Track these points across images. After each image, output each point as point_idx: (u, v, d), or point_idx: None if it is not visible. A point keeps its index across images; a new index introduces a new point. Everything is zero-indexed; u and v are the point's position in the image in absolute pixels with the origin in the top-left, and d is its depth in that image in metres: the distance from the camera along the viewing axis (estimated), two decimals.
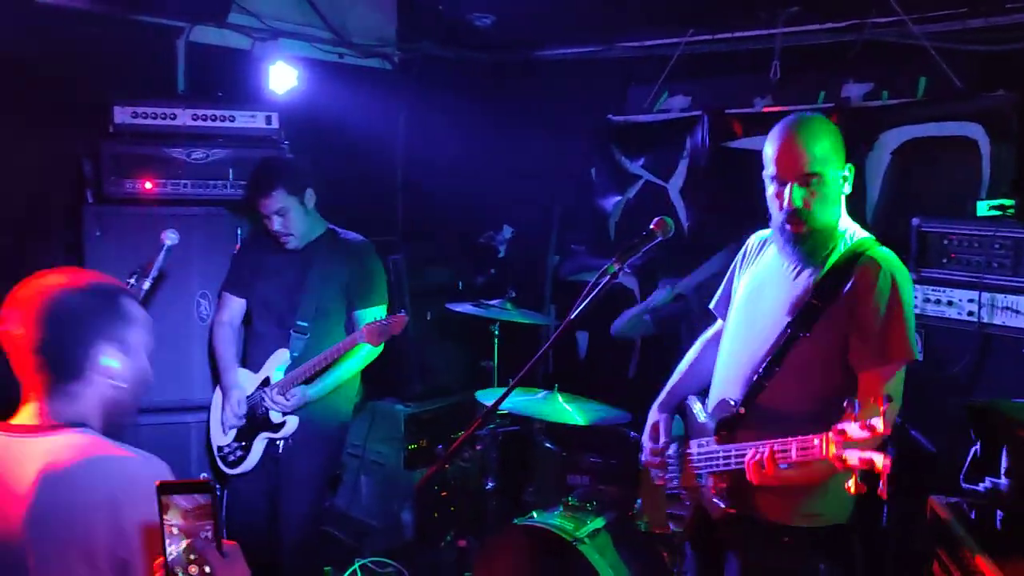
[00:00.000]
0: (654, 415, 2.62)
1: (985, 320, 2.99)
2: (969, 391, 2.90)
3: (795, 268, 2.34)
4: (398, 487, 4.54)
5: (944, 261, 3.15)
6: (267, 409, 3.33)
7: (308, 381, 3.30)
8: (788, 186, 2.23)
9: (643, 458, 2.59)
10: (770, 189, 2.32)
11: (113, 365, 1.65)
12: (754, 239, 2.62)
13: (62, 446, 1.56)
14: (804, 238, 2.27)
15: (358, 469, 4.66)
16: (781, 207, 2.27)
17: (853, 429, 1.85)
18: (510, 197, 5.13)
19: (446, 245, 4.99)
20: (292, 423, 3.33)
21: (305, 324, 3.35)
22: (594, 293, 2.31)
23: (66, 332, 1.62)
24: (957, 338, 3.05)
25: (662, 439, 2.52)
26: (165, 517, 1.35)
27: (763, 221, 2.48)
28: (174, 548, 1.37)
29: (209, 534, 1.37)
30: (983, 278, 3.01)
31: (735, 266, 2.64)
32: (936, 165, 3.63)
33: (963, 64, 3.60)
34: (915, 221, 3.23)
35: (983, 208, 3.16)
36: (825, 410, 2.00)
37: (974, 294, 3.02)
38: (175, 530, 1.36)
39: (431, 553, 4.21)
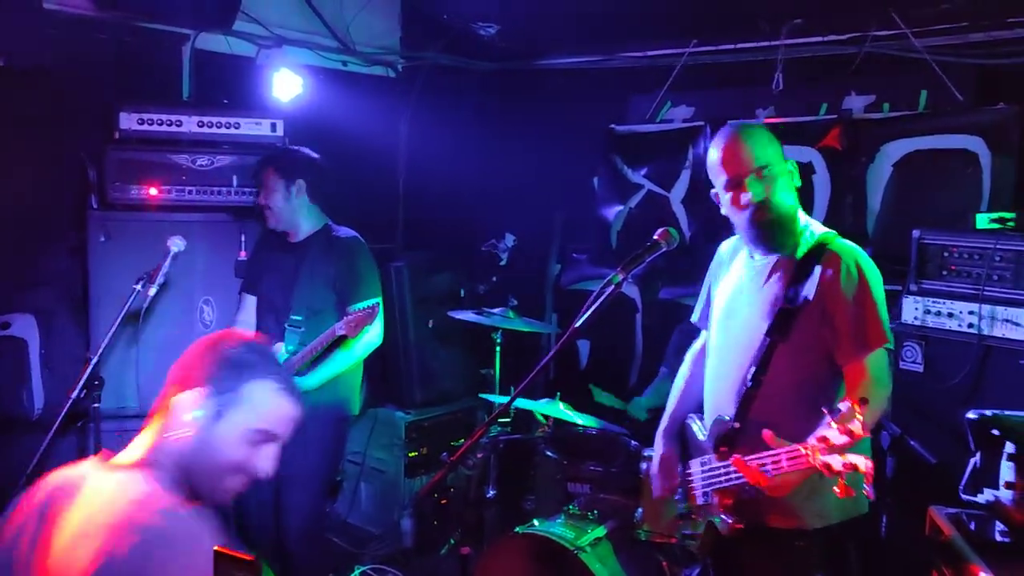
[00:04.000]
0: (660, 445, 2.62)
1: (985, 332, 3.01)
2: (969, 402, 2.91)
3: (764, 273, 2.36)
4: (398, 495, 4.54)
5: (944, 273, 3.17)
6: None
7: (298, 374, 3.34)
8: (744, 183, 2.29)
9: (655, 492, 2.60)
10: (725, 198, 2.37)
11: (194, 415, 1.53)
12: (725, 248, 2.65)
13: (121, 486, 1.47)
14: (771, 228, 2.32)
15: (358, 476, 4.67)
16: (742, 207, 2.31)
17: (834, 435, 1.90)
18: (512, 205, 5.15)
19: (448, 253, 5.01)
20: None
21: (299, 319, 3.42)
22: (598, 303, 2.31)
23: (185, 376, 1.56)
24: (957, 350, 3.07)
25: (671, 470, 2.53)
26: None
27: None
28: None
29: None
30: (983, 290, 3.02)
31: (710, 277, 2.67)
32: (937, 177, 3.65)
33: (964, 77, 3.63)
34: (915, 233, 3.25)
35: (983, 221, 3.18)
36: (816, 409, 2.02)
37: (974, 306, 3.03)
38: None
39: (431, 561, 4.22)
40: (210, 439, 1.53)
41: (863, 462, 1.86)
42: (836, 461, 1.88)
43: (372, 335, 3.44)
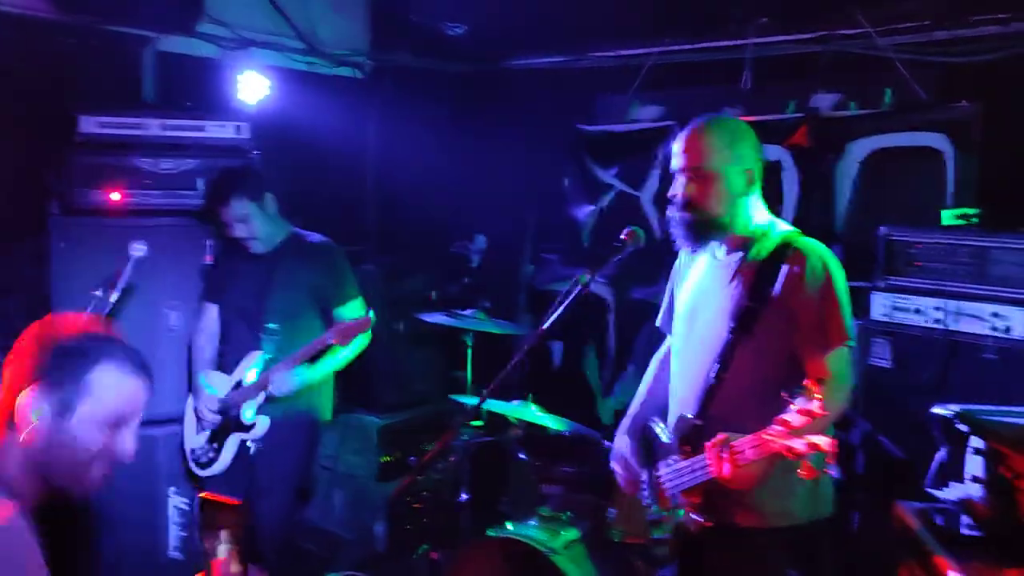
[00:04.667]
0: (619, 441, 2.63)
1: (951, 327, 3.03)
2: (937, 397, 2.93)
3: (728, 271, 2.37)
4: (371, 499, 4.50)
5: (910, 269, 3.19)
6: (239, 410, 3.34)
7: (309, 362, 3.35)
8: (680, 176, 2.35)
9: (621, 486, 2.60)
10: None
11: (32, 419, 1.47)
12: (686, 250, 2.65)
13: None
14: (691, 228, 2.35)
15: (330, 482, 4.62)
16: (674, 195, 2.38)
17: (794, 417, 1.92)
18: (483, 206, 5.13)
19: (419, 255, 4.98)
20: (263, 423, 3.35)
21: (275, 326, 3.38)
22: (566, 304, 2.32)
23: (18, 372, 1.50)
24: (924, 345, 3.09)
25: (631, 466, 2.54)
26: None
27: None
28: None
29: (235, 553, 1.43)
30: (948, 286, 3.05)
31: (672, 280, 2.67)
32: (902, 174, 3.69)
33: (928, 75, 3.66)
34: (882, 230, 3.27)
35: (947, 217, 3.21)
36: (778, 406, 2.02)
37: (940, 302, 3.06)
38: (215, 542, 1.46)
39: (404, 565, 4.18)
40: (61, 435, 1.49)
41: (825, 440, 1.88)
42: (798, 443, 1.90)
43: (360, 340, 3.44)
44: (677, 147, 2.38)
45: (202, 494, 1.44)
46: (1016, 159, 3.42)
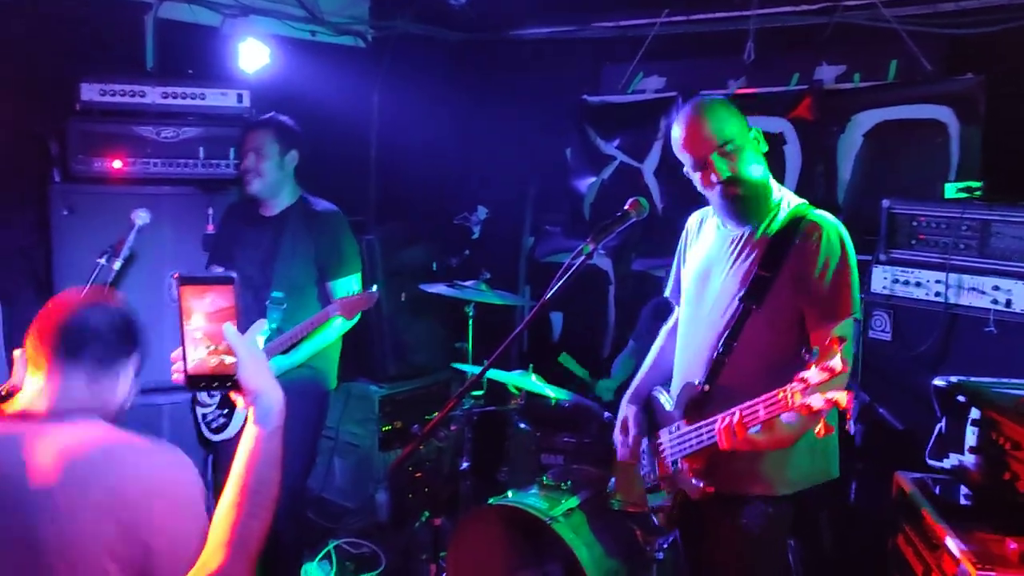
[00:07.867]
0: (624, 408, 2.65)
1: (952, 300, 3.05)
2: (936, 370, 2.95)
3: (738, 242, 2.37)
4: (372, 469, 4.54)
5: (912, 243, 3.20)
6: None
7: (284, 352, 3.31)
8: (709, 162, 2.29)
9: (618, 453, 2.62)
10: (695, 177, 2.36)
11: (127, 390, 1.77)
12: (693, 220, 2.65)
13: (82, 436, 1.56)
14: (743, 202, 2.32)
15: (332, 451, 4.66)
16: (712, 185, 2.31)
17: (813, 374, 1.89)
18: (485, 177, 5.12)
19: (420, 225, 4.97)
20: None
21: (280, 295, 3.35)
22: (569, 274, 2.32)
23: (130, 330, 1.75)
24: (925, 318, 3.11)
25: (632, 432, 2.56)
26: (186, 322, 1.43)
27: None
28: (197, 353, 1.46)
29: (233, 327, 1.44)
30: (950, 259, 3.06)
31: (680, 250, 2.67)
32: (907, 147, 3.68)
33: (933, 47, 3.64)
34: (885, 203, 3.27)
35: (951, 190, 3.21)
36: (785, 375, 2.02)
37: (941, 275, 3.07)
38: (197, 335, 1.45)
39: (406, 533, 4.23)
40: (124, 402, 1.79)
41: (843, 396, 1.85)
42: (816, 400, 1.87)
43: None
44: (684, 139, 2.32)
45: (175, 275, 1.47)
46: (1020, 132, 3.42)
